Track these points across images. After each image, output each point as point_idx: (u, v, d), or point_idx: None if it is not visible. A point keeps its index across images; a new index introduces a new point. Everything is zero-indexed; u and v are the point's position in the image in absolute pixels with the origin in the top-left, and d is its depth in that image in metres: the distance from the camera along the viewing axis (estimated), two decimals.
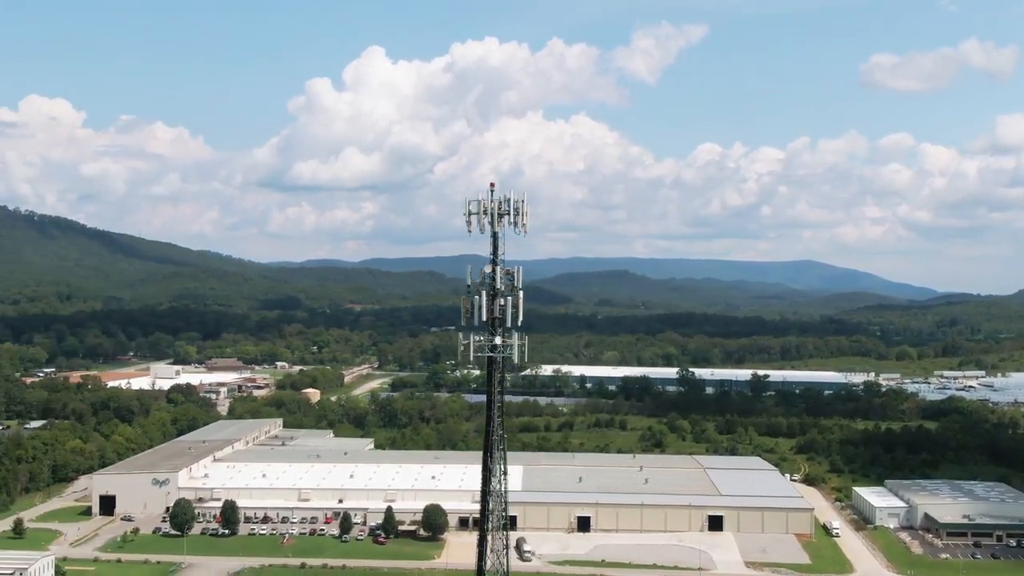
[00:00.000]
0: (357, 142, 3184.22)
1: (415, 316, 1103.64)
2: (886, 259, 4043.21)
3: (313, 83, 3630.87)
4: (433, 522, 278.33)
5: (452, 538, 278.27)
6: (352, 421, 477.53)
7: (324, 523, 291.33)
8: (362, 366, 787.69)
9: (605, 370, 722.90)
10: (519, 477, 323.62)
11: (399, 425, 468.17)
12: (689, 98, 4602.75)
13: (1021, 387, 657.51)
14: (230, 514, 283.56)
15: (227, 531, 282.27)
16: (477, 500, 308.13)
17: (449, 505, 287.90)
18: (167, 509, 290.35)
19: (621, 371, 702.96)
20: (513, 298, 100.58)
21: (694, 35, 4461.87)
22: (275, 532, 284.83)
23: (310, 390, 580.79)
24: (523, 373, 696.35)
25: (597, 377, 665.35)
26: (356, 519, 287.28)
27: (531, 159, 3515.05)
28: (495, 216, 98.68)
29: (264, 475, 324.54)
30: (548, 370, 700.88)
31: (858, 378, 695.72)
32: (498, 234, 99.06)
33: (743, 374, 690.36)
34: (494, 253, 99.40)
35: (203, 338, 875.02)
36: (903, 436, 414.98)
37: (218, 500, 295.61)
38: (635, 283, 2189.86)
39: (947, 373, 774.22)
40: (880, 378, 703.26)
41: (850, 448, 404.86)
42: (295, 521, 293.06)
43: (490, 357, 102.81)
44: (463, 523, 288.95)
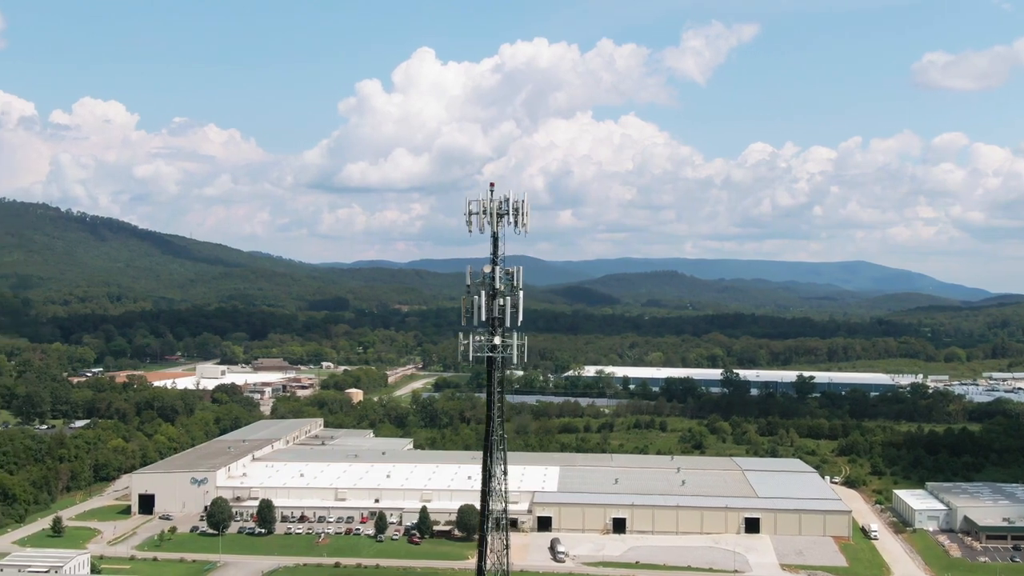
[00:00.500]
0: (406, 143, 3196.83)
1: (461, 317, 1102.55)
2: (938, 260, 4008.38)
3: (363, 85, 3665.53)
4: (468, 522, 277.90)
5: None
6: (393, 421, 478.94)
7: (360, 523, 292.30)
8: (407, 366, 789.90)
9: (649, 371, 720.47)
10: (555, 478, 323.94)
11: (440, 425, 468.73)
12: (740, 98, 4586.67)
13: None
14: (266, 513, 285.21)
15: (263, 530, 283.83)
16: (512, 501, 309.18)
17: None
18: (205, 508, 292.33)
19: (665, 372, 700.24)
20: (513, 298, 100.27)
21: (745, 34, 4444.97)
22: (311, 531, 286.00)
23: (353, 390, 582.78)
24: (566, 374, 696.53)
25: (640, 378, 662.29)
26: (392, 519, 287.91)
27: (580, 160, 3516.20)
28: (495, 216, 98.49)
29: (302, 474, 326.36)
30: (591, 371, 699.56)
31: (905, 380, 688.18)
32: (498, 234, 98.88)
33: (788, 376, 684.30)
34: (494, 253, 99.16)
35: (250, 338, 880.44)
36: (946, 438, 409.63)
37: (255, 499, 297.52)
38: (684, 284, 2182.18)
39: (996, 375, 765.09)
40: (928, 380, 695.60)
41: (892, 450, 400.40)
42: (331, 520, 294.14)
43: (489, 357, 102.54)
44: (499, 523, 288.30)
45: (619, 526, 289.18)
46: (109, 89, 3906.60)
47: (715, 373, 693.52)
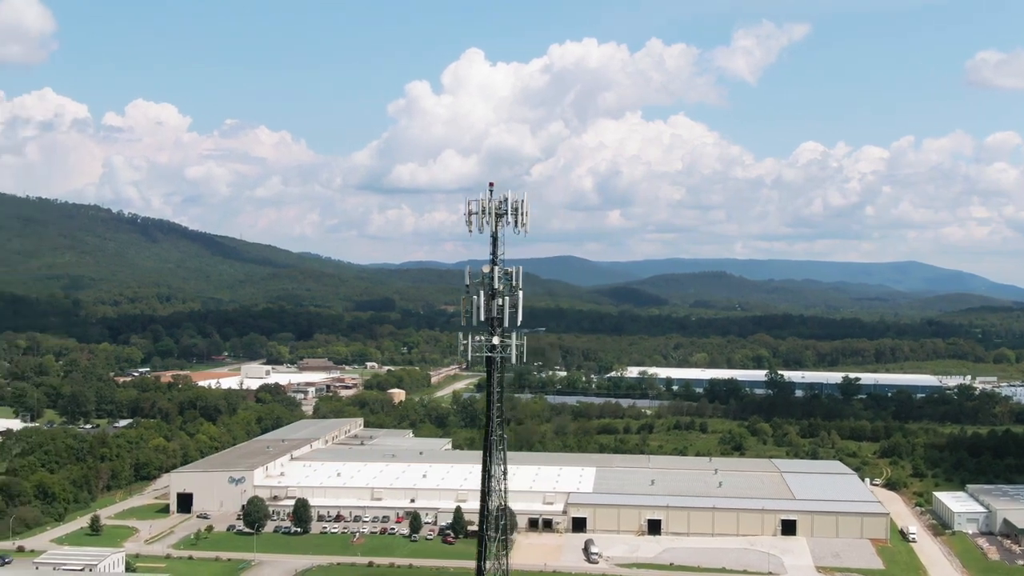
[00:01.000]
0: (455, 144, 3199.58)
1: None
2: (992, 260, 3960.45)
3: (413, 86, 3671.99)
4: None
5: (521, 539, 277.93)
6: (434, 421, 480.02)
7: (395, 522, 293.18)
8: (450, 367, 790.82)
9: (692, 372, 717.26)
10: (591, 479, 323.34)
11: (479, 425, 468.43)
12: (790, 97, 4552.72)
13: None
14: (302, 512, 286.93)
15: (299, 529, 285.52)
16: (548, 501, 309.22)
17: (519, 506, 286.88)
18: (242, 507, 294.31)
19: (709, 373, 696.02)
20: (512, 298, 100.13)
21: (796, 33, 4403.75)
22: (347, 531, 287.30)
23: (395, 390, 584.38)
24: (608, 375, 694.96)
25: (683, 379, 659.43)
26: (427, 519, 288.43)
27: (629, 160, 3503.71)
28: (494, 216, 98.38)
29: (339, 474, 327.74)
30: (634, 372, 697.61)
31: (953, 381, 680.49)
32: (497, 234, 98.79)
33: (834, 377, 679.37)
34: (493, 253, 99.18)
35: (296, 339, 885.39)
36: (989, 440, 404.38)
37: (292, 498, 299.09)
38: (733, 284, 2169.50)
39: None
40: (976, 381, 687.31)
41: (935, 452, 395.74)
42: (367, 520, 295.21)
43: (489, 357, 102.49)
44: (532, 524, 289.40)
45: (654, 527, 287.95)
46: (161, 92, 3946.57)
47: (760, 374, 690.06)
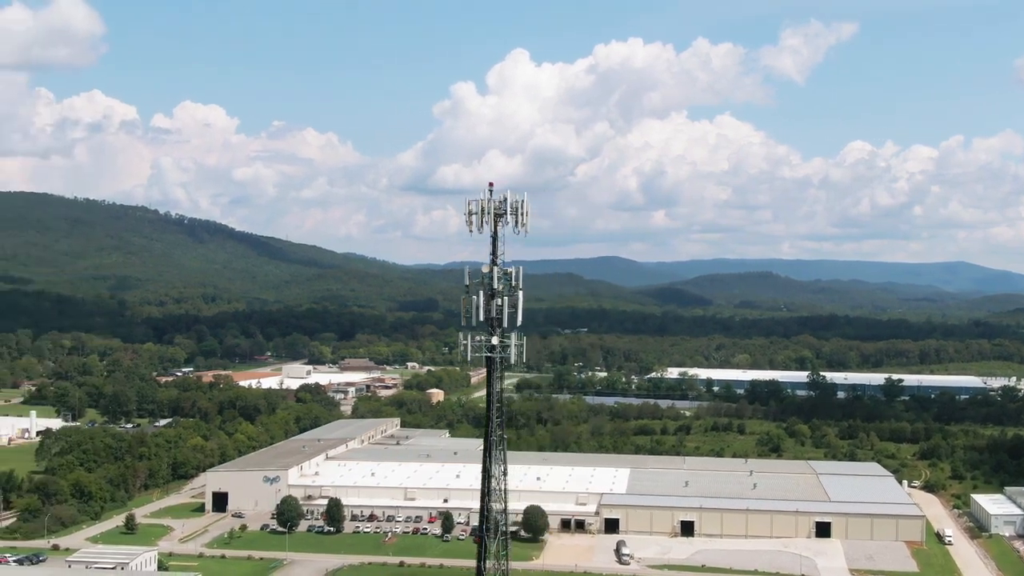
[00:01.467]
0: (500, 145, 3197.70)
1: (548, 318, 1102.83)
2: None
3: (458, 87, 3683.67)
4: (533, 523, 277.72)
5: (552, 539, 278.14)
6: (471, 421, 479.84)
7: (428, 522, 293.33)
8: None
9: (734, 373, 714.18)
10: (625, 480, 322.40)
11: (516, 426, 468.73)
12: (838, 96, 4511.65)
13: None
14: (335, 512, 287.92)
15: (332, 529, 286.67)
16: (580, 502, 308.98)
17: (551, 506, 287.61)
18: (277, 506, 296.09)
19: (750, 374, 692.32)
20: (511, 298, 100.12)
21: (844, 33, 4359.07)
22: (379, 530, 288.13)
23: (434, 390, 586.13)
24: (648, 376, 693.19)
25: (724, 380, 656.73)
26: (459, 519, 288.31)
27: (674, 160, 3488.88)
28: (493, 216, 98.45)
29: (373, 474, 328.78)
30: (675, 373, 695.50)
31: (997, 383, 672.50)
32: (496, 234, 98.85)
33: (877, 378, 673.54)
34: (493, 253, 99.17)
35: (339, 339, 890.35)
36: None
37: (326, 498, 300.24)
38: (779, 285, 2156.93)
39: None
40: (1021, 382, 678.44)
41: (974, 454, 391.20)
42: (400, 520, 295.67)
43: (488, 357, 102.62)
44: (565, 524, 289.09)
45: (687, 529, 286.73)
46: (209, 94, 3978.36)
47: (802, 376, 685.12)
